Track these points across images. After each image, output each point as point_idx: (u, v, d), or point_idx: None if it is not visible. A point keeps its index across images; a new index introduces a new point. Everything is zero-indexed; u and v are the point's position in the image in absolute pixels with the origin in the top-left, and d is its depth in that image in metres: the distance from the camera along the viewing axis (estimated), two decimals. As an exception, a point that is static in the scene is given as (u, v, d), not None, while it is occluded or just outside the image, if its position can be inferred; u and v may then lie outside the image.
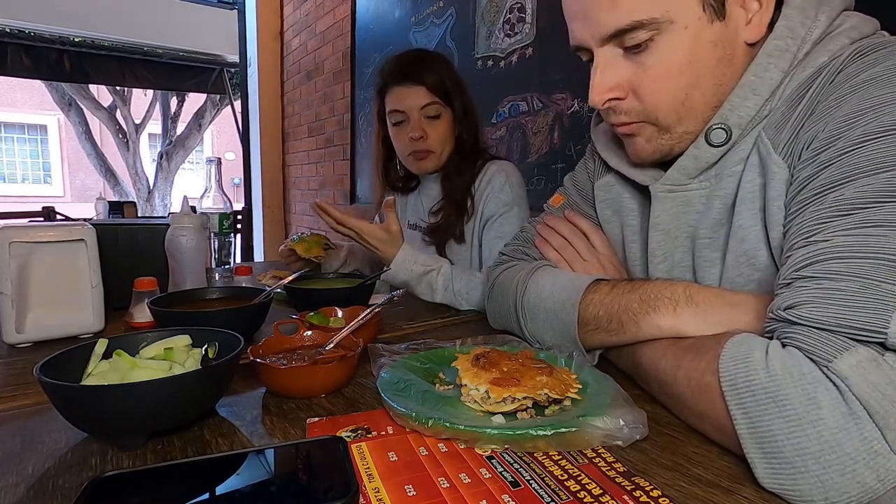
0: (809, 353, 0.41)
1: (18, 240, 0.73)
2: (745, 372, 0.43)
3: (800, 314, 0.43)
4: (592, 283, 0.65)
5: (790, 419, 0.39)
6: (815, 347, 0.41)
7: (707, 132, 0.59)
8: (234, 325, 0.61)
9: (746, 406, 0.42)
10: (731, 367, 0.44)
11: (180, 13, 4.53)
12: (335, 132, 3.32)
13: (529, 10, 1.78)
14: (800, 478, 0.39)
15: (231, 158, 11.52)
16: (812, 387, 0.39)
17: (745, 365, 0.43)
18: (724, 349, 0.46)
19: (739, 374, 0.43)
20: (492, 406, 0.50)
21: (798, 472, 0.39)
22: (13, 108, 13.27)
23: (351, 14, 2.99)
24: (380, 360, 0.62)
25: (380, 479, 0.41)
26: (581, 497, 0.39)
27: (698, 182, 0.62)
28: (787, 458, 0.39)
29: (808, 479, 0.38)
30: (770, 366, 0.42)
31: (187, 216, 0.95)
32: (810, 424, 0.39)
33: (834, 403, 0.38)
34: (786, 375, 0.41)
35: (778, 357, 0.42)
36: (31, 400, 0.56)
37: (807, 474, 0.38)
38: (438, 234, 1.23)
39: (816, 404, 0.39)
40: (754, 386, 0.42)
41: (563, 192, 0.86)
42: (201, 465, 0.40)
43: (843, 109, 0.48)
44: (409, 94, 1.18)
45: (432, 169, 1.23)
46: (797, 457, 0.39)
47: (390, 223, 1.10)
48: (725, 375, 0.44)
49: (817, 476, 0.38)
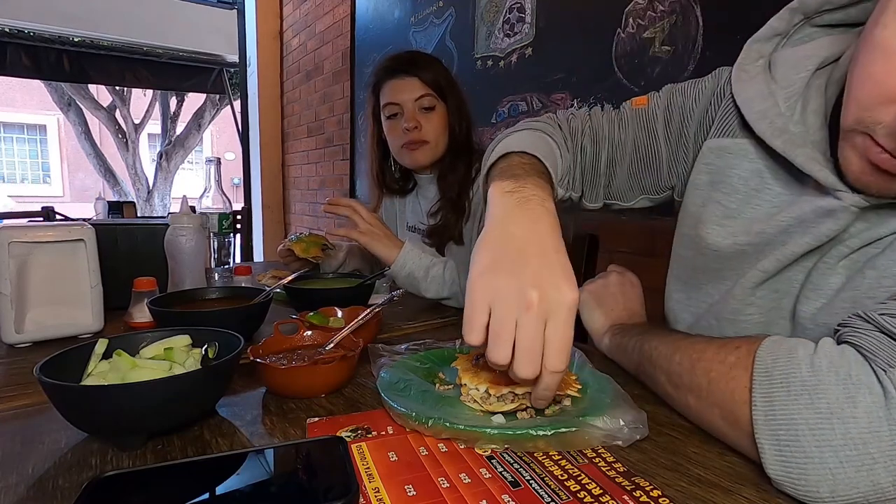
0: (870, 354, 0.40)
1: (18, 240, 0.73)
2: (786, 364, 0.42)
3: (890, 321, 0.41)
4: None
5: (820, 411, 0.39)
6: (881, 352, 0.40)
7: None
8: (233, 325, 0.61)
9: (773, 395, 0.41)
10: (769, 360, 0.43)
11: (180, 13, 4.53)
12: (335, 132, 3.32)
13: (529, 10, 1.78)
14: (811, 468, 0.38)
15: (231, 158, 11.53)
16: (854, 387, 0.39)
17: (788, 359, 0.42)
18: (761, 345, 0.45)
19: (779, 366, 0.42)
20: (491, 406, 0.50)
21: (811, 463, 0.38)
22: (12, 107, 13.26)
23: (350, 14, 2.99)
24: (380, 360, 0.63)
25: (380, 479, 0.41)
26: (581, 497, 0.39)
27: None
28: (802, 447, 0.39)
29: (819, 471, 0.38)
30: (816, 362, 0.41)
31: (187, 216, 0.95)
32: (840, 420, 0.38)
33: (873, 406, 0.38)
34: (830, 372, 0.40)
35: (827, 354, 0.41)
36: (31, 400, 0.56)
37: (820, 466, 0.38)
38: (438, 235, 1.23)
39: (853, 403, 0.38)
40: (791, 378, 0.41)
41: (654, 98, 0.72)
42: (201, 465, 0.40)
43: None
44: (404, 86, 1.18)
45: (426, 161, 1.22)
46: (815, 447, 0.38)
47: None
48: (761, 366, 0.43)
49: (830, 469, 0.38)
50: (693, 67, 1.30)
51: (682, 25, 1.32)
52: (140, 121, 9.17)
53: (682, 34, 1.32)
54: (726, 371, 0.46)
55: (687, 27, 1.31)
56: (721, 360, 0.47)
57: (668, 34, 1.35)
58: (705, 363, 0.49)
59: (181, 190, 2.22)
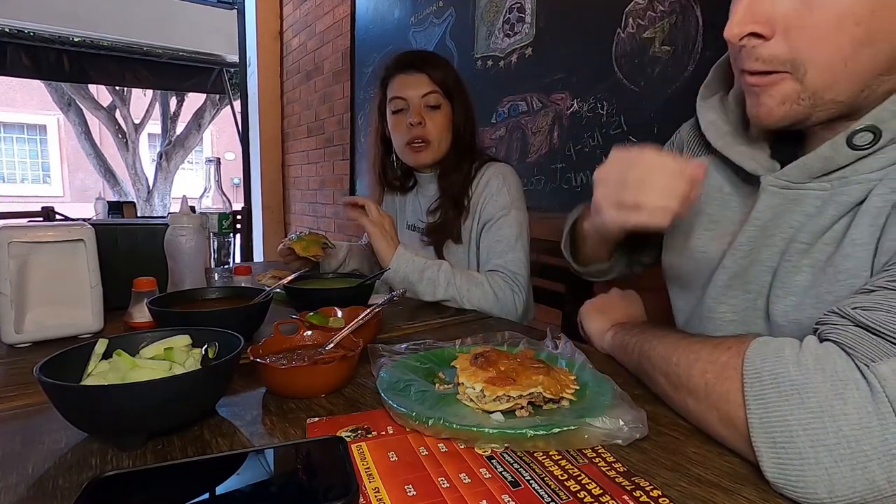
0: (851, 350, 0.41)
1: (17, 240, 0.73)
2: (774, 365, 0.42)
3: (864, 315, 0.42)
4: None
5: (811, 410, 0.39)
6: (861, 347, 0.40)
7: (852, 133, 0.50)
8: (233, 325, 0.61)
9: (766, 397, 0.42)
10: (757, 361, 0.43)
11: (180, 13, 4.53)
12: (335, 132, 3.32)
13: (529, 10, 1.78)
14: (808, 469, 0.38)
15: (230, 158, 11.53)
16: (842, 383, 0.39)
17: (776, 359, 0.43)
18: (749, 346, 0.45)
19: (767, 367, 0.43)
20: (487, 404, 0.50)
21: (806, 464, 0.38)
22: (12, 108, 13.26)
23: (350, 14, 2.99)
24: (380, 360, 0.63)
25: (380, 479, 0.41)
26: (581, 497, 0.39)
27: (818, 183, 0.54)
28: (798, 448, 0.39)
29: (815, 472, 0.38)
30: (802, 360, 0.41)
31: (186, 216, 0.95)
32: (831, 418, 0.38)
33: (861, 401, 0.38)
34: (817, 370, 0.40)
35: (812, 351, 0.42)
36: (31, 400, 0.56)
37: (816, 466, 0.38)
38: (437, 233, 1.23)
39: (843, 399, 0.39)
40: (780, 378, 0.41)
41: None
42: (201, 465, 0.40)
43: None
44: (412, 82, 1.19)
45: (429, 161, 1.23)
46: (810, 447, 0.38)
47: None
48: (750, 368, 0.43)
49: (826, 469, 0.38)
50: (693, 67, 1.30)
51: (682, 25, 1.32)
52: (140, 121, 9.17)
53: (682, 34, 1.32)
54: (720, 372, 0.47)
55: (687, 27, 1.31)
56: (714, 360, 0.48)
57: (668, 34, 1.35)
58: (701, 364, 0.49)
59: (181, 190, 2.22)
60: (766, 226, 0.59)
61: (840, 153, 0.51)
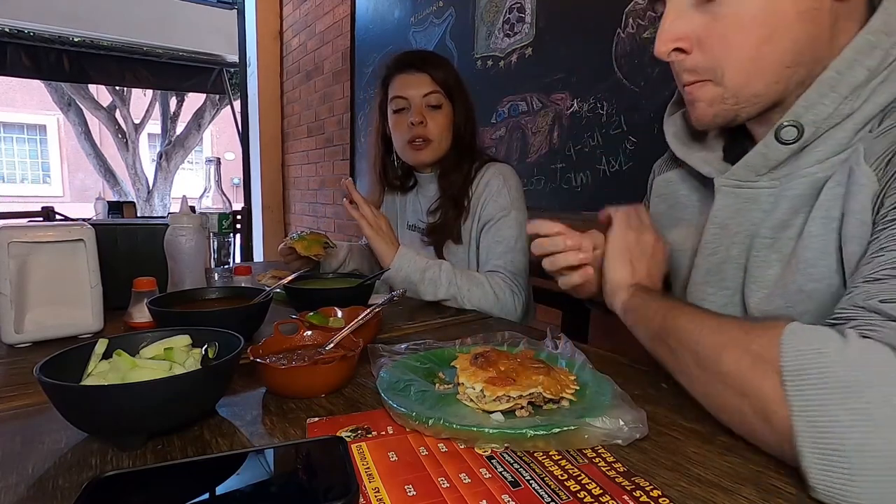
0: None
1: (17, 240, 0.73)
2: (820, 362, 0.39)
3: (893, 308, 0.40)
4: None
5: (862, 415, 0.37)
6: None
7: (778, 129, 0.55)
8: (233, 325, 0.61)
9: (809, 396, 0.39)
10: (796, 354, 0.41)
11: (180, 13, 4.53)
12: (335, 132, 3.32)
13: (529, 10, 1.78)
14: (857, 478, 0.36)
15: (230, 158, 11.53)
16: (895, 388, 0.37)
17: (819, 355, 0.40)
18: (784, 334, 0.42)
19: (811, 363, 0.40)
20: (487, 404, 0.50)
21: (854, 472, 0.36)
22: (12, 108, 13.26)
23: (350, 14, 2.99)
24: (380, 360, 0.63)
25: (380, 479, 0.41)
26: (581, 497, 0.39)
27: (767, 180, 0.59)
28: (846, 454, 0.36)
29: (863, 482, 0.36)
30: (848, 357, 0.39)
31: (186, 216, 0.95)
32: (886, 425, 0.36)
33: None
34: (869, 371, 0.38)
35: (858, 349, 0.39)
36: (31, 400, 0.56)
37: (863, 476, 0.36)
38: (437, 233, 1.23)
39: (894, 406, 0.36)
40: (828, 377, 0.39)
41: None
42: (201, 465, 0.40)
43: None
44: (413, 82, 1.20)
45: (429, 160, 1.23)
46: (855, 452, 0.36)
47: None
48: (791, 362, 0.41)
49: (874, 480, 0.36)
50: (693, 67, 1.30)
51: (682, 25, 1.32)
52: (140, 121, 9.17)
53: (682, 34, 1.32)
54: (752, 362, 0.44)
55: (687, 27, 1.31)
56: (746, 348, 0.45)
57: (668, 34, 1.35)
58: (733, 350, 0.46)
59: (181, 190, 2.23)
60: (727, 224, 0.63)
61: (772, 148, 0.56)
